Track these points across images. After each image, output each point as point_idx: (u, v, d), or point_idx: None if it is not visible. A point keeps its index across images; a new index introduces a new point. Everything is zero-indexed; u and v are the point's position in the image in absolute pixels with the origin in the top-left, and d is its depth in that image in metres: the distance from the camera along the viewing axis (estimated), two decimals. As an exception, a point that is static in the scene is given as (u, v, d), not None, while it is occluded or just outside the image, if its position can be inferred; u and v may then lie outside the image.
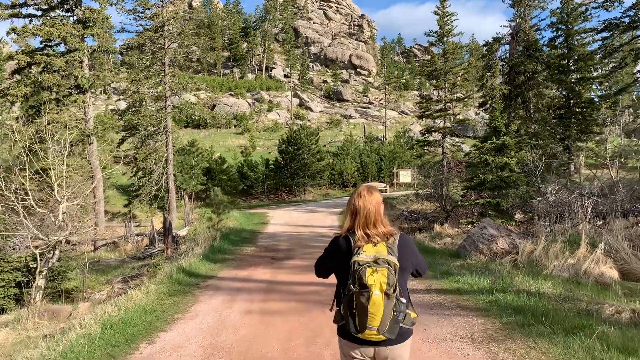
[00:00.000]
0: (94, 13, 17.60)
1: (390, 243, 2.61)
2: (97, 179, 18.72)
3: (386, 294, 2.45)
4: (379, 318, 2.45)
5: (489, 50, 23.47)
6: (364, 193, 2.79)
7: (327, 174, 39.71)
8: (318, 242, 15.76)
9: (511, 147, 16.20)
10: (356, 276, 2.47)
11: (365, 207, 2.72)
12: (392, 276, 2.48)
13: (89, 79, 17.81)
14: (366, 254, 2.54)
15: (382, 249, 2.56)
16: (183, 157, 30.03)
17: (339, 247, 2.71)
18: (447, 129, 29.20)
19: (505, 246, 11.33)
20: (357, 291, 2.46)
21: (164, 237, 16.66)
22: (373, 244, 2.58)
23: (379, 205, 2.79)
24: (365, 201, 2.74)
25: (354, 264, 2.51)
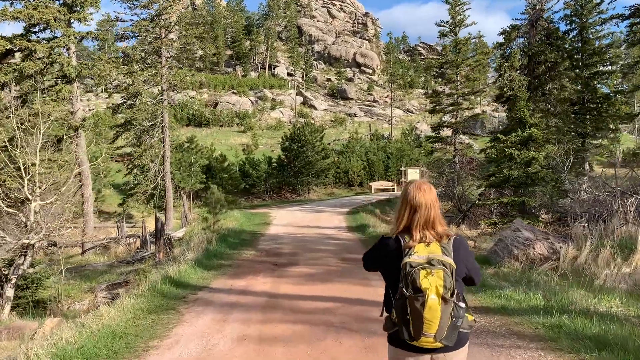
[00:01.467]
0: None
1: (444, 243, 2.41)
2: (85, 176, 17.29)
3: (443, 299, 2.26)
4: (436, 324, 2.27)
5: (507, 38, 21.89)
6: (424, 187, 2.54)
7: (332, 173, 38.18)
8: (325, 245, 14.26)
9: (538, 140, 14.65)
10: (409, 279, 2.29)
11: (427, 204, 2.46)
12: (448, 278, 2.28)
13: (76, 67, 16.36)
14: (418, 254, 2.34)
15: (436, 249, 2.37)
16: (181, 154, 28.57)
17: (386, 247, 2.51)
18: (459, 124, 27.63)
19: (544, 251, 9.79)
20: (410, 296, 2.27)
21: (155, 240, 15.18)
22: (425, 244, 2.39)
23: (437, 202, 2.54)
24: (427, 196, 2.49)
25: (405, 265, 2.32)
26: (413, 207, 2.47)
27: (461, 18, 27.14)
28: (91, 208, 17.83)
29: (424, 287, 2.24)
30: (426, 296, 2.23)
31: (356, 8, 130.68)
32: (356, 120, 74.11)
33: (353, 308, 6.99)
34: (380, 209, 24.94)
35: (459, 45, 26.87)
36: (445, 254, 2.35)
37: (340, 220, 20.99)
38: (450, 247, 2.40)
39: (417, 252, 2.34)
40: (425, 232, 2.42)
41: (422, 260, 2.30)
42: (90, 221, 17.86)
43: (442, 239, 2.41)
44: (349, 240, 15.32)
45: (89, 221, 17.79)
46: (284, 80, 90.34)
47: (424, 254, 2.33)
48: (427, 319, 2.24)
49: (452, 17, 27.16)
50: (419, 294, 2.24)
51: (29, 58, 16.11)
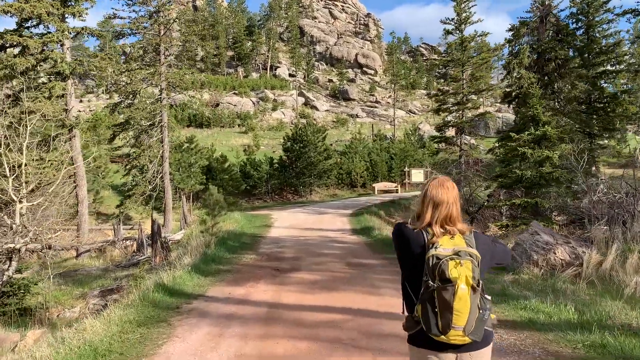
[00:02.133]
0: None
1: (467, 235, 2.41)
2: (80, 177, 16.65)
3: (472, 288, 2.25)
4: (465, 316, 2.24)
5: (515, 34, 21.23)
6: (447, 184, 2.51)
7: (334, 174, 37.49)
8: (328, 249, 13.59)
9: (552, 138, 13.97)
10: (437, 270, 2.26)
11: (449, 200, 2.45)
12: (476, 269, 2.29)
13: (70, 64, 15.73)
14: (444, 247, 2.32)
15: (460, 242, 2.35)
16: (181, 155, 27.92)
17: (409, 240, 2.44)
18: (465, 123, 26.96)
19: (566, 256, 9.11)
20: (439, 287, 2.24)
21: (152, 243, 14.54)
22: (450, 237, 2.37)
23: (459, 199, 2.54)
24: (449, 193, 2.48)
25: (431, 258, 2.29)
26: (435, 203, 2.45)
27: (467, 15, 26.48)
28: (86, 210, 17.21)
29: (454, 277, 2.23)
30: (456, 286, 2.22)
31: (358, 9, 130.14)
32: (358, 121, 73.49)
33: (362, 321, 6.33)
34: (385, 211, 24.28)
35: (465, 42, 26.22)
36: (470, 246, 2.35)
37: (343, 223, 20.33)
38: (472, 239, 2.41)
39: (442, 245, 2.33)
40: (446, 227, 2.42)
41: (448, 252, 2.29)
42: (85, 223, 17.22)
43: (465, 233, 2.42)
44: (353, 243, 14.66)
45: (83, 223, 17.14)
46: (286, 81, 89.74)
47: (449, 247, 2.32)
48: (456, 309, 2.22)
49: (458, 14, 26.51)
50: (448, 284, 2.23)
51: (21, 54, 15.50)
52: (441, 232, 2.39)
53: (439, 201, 2.44)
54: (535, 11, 23.06)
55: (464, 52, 26.41)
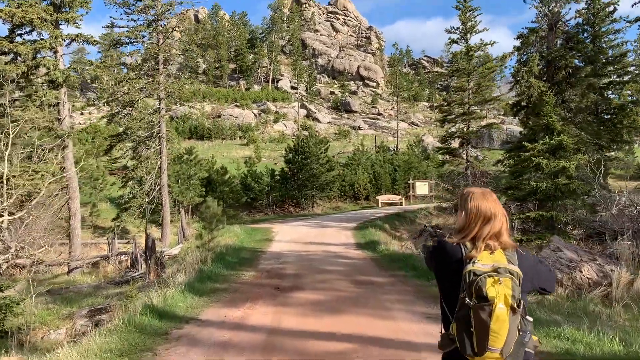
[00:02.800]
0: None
1: (508, 251, 2.22)
2: (73, 189, 15.93)
3: (512, 309, 2.07)
4: (503, 338, 2.07)
5: (524, 42, 20.62)
6: (492, 197, 2.34)
7: (337, 186, 36.73)
8: (332, 265, 12.82)
9: (568, 148, 13.24)
10: (474, 287, 2.10)
11: (500, 213, 2.29)
12: (517, 288, 2.10)
13: (64, 71, 15.12)
14: (482, 262, 2.15)
15: (501, 258, 2.18)
16: (180, 166, 27.24)
17: (447, 253, 2.28)
18: (471, 134, 26.30)
19: (593, 275, 8.34)
20: (475, 305, 2.09)
21: (146, 259, 13.80)
22: (490, 252, 2.19)
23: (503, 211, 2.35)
24: (498, 206, 2.31)
25: (468, 274, 2.14)
26: (486, 217, 2.27)
27: (472, 24, 25.99)
28: (79, 223, 16.48)
29: (491, 296, 2.07)
30: (494, 305, 2.07)
31: (360, 22, 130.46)
32: (360, 133, 73.00)
33: (374, 351, 5.57)
34: (390, 224, 23.49)
35: (471, 51, 25.67)
36: (511, 263, 2.17)
37: (347, 236, 19.55)
38: (514, 256, 2.23)
39: (480, 260, 2.18)
40: (490, 242, 2.24)
41: (487, 269, 2.14)
42: (77, 237, 16.48)
43: (506, 249, 2.24)
44: (359, 259, 13.88)
45: (76, 237, 16.41)
46: (288, 93, 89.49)
47: (488, 262, 2.17)
48: (493, 330, 2.07)
49: (463, 23, 26.03)
50: (485, 303, 2.08)
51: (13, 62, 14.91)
52: (483, 247, 2.22)
53: (492, 215, 2.26)
54: (541, 21, 22.51)
55: (470, 62, 25.86)
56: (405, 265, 11.73)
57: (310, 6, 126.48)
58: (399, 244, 18.03)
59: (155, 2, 22.40)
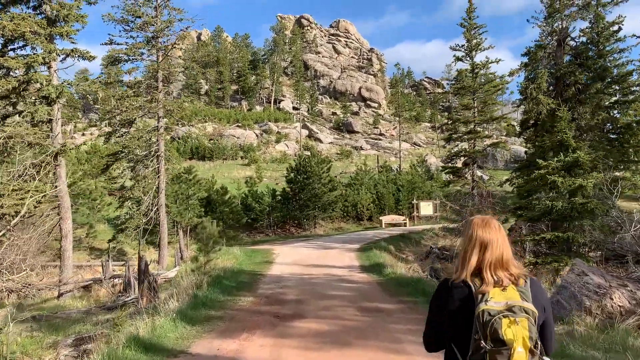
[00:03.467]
0: (64, 8, 14.46)
1: (521, 287, 2.09)
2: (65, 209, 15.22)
3: (530, 352, 1.96)
4: None
5: (532, 58, 20.11)
6: (493, 223, 2.21)
7: (339, 206, 35.95)
8: (336, 290, 12.04)
9: (585, 166, 12.54)
10: (489, 329, 1.96)
11: (498, 240, 2.15)
12: (533, 328, 1.99)
13: (57, 87, 14.57)
14: (495, 300, 2.02)
15: (514, 294, 2.05)
16: (178, 186, 26.57)
17: (453, 294, 2.12)
18: (477, 153, 25.65)
19: (625, 302, 7.56)
20: (492, 349, 1.95)
21: (138, 283, 13.03)
22: (501, 288, 2.06)
23: (507, 239, 2.21)
24: (498, 232, 2.18)
25: (482, 314, 1.99)
26: (483, 244, 2.15)
27: (477, 42, 25.57)
28: (70, 245, 15.74)
29: (509, 339, 1.94)
30: (512, 349, 1.93)
31: (361, 44, 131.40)
32: (363, 154, 72.53)
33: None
34: (395, 246, 22.71)
35: (476, 69, 25.20)
36: (525, 299, 2.04)
37: (351, 259, 18.76)
38: (528, 290, 2.09)
39: (492, 297, 2.03)
40: (498, 273, 2.11)
41: (501, 307, 2.00)
42: (68, 260, 15.72)
43: (519, 282, 2.09)
44: (364, 283, 13.10)
45: (67, 260, 15.64)
46: (289, 114, 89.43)
47: (501, 300, 2.02)
48: None
49: (468, 41, 25.62)
50: (502, 347, 1.94)
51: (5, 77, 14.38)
52: (493, 280, 2.09)
53: (487, 241, 2.16)
54: (545, 40, 22.03)
55: (475, 79, 25.38)
56: (414, 290, 10.95)
57: (312, 28, 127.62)
58: (406, 267, 17.24)
59: (155, 19, 22.05)
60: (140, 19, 21.72)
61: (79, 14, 15.43)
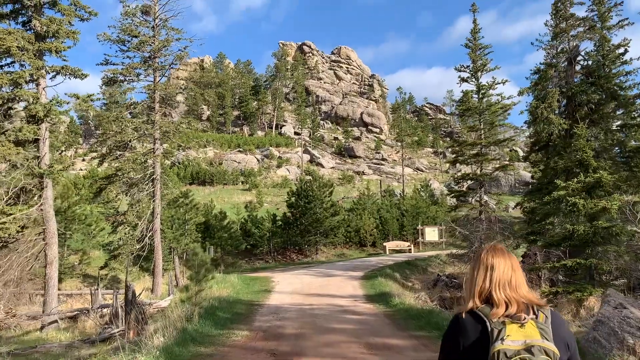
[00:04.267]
0: (54, 23, 13.80)
1: (541, 322, 1.91)
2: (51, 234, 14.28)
3: None
4: None
5: (542, 77, 19.39)
6: (499, 247, 2.14)
7: (342, 231, 34.91)
8: (340, 322, 10.99)
9: (607, 186, 11.62)
10: None
11: (505, 262, 2.05)
12: None
13: (45, 105, 13.80)
14: (512, 339, 1.85)
15: (533, 332, 1.88)
16: (174, 211, 25.65)
17: (466, 332, 1.95)
18: (485, 176, 24.76)
19: (674, 341, 6.54)
20: None
21: (125, 314, 12.01)
22: (519, 325, 1.89)
23: (518, 264, 2.09)
24: (505, 256, 2.08)
25: (497, 354, 1.83)
26: (489, 266, 2.04)
27: (483, 62, 24.96)
28: (55, 272, 14.73)
29: None
30: None
31: (362, 70, 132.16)
32: (365, 178, 71.81)
33: None
34: (400, 273, 21.62)
35: (483, 89, 24.52)
36: (545, 338, 1.87)
37: (355, 287, 17.70)
38: (548, 326, 1.91)
39: (509, 335, 1.86)
40: (508, 292, 1.98)
41: (518, 347, 1.84)
42: (53, 288, 14.68)
43: (538, 316, 1.93)
44: (370, 314, 12.05)
45: (51, 288, 14.60)
46: (291, 139, 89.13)
47: (519, 338, 1.86)
48: None
49: (473, 62, 25.02)
50: None
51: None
52: (504, 300, 1.95)
53: (494, 263, 2.04)
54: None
55: (482, 100, 24.67)
56: (426, 323, 9.91)
57: (314, 55, 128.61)
58: (413, 296, 16.17)
59: (152, 39, 21.52)
60: (136, 39, 21.17)
61: (70, 30, 14.78)
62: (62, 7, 14.75)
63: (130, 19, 21.42)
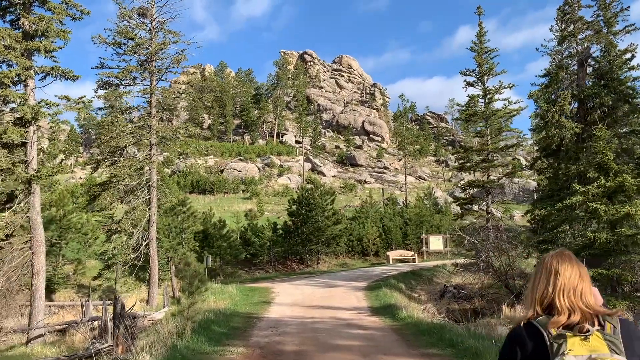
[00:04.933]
0: (43, 21, 13.11)
1: (609, 334, 1.69)
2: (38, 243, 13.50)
3: None
4: None
5: (552, 79, 18.68)
6: (566, 253, 1.94)
7: (344, 240, 34.05)
8: (344, 338, 10.17)
9: (630, 190, 10.84)
10: None
11: (572, 267, 1.87)
12: None
13: (34, 107, 13.10)
14: (575, 354, 1.66)
15: (599, 345, 1.66)
16: (171, 219, 24.86)
17: (523, 347, 1.78)
18: (492, 183, 23.99)
19: None
20: None
21: (113, 328, 11.21)
22: (582, 338, 1.68)
23: (587, 274, 1.90)
24: (570, 263, 1.89)
25: None
26: (552, 272, 1.87)
27: (490, 66, 24.31)
28: (42, 283, 13.94)
29: None
30: None
31: (364, 79, 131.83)
32: (367, 187, 71.06)
33: None
34: (406, 284, 20.79)
35: (489, 94, 23.83)
36: (615, 351, 1.65)
37: (359, 299, 16.86)
38: (618, 339, 1.69)
39: (571, 350, 1.67)
40: (572, 300, 1.79)
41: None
42: (40, 300, 13.89)
43: (605, 328, 1.72)
44: (376, 328, 11.22)
45: (38, 300, 13.80)
46: (292, 147, 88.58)
47: (583, 353, 1.66)
48: None
49: (479, 65, 24.37)
50: None
51: (-24, 96, 12.98)
52: (567, 307, 1.77)
53: (558, 269, 1.86)
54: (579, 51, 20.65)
55: (488, 105, 23.97)
56: (439, 339, 9.08)
57: (315, 64, 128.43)
58: (420, 308, 15.35)
59: (149, 42, 20.89)
60: (133, 41, 20.53)
61: (60, 29, 14.12)
62: (52, 5, 14.13)
63: (126, 21, 20.82)
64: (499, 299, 16.73)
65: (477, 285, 20.56)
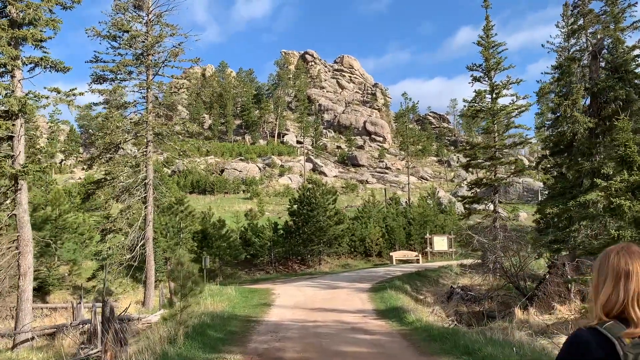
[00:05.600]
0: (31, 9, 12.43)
1: None
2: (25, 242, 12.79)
3: None
4: None
5: (565, 72, 17.93)
6: (635, 249, 1.64)
7: (346, 241, 33.28)
8: (349, 344, 9.43)
9: (656, 186, 10.09)
10: None
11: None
12: None
13: (20, 99, 12.41)
14: None
15: None
16: (169, 218, 24.13)
17: (588, 354, 1.55)
18: (500, 181, 23.25)
19: None
20: None
21: (101, 333, 10.48)
22: None
23: None
24: None
25: None
26: (622, 272, 1.58)
27: (497, 60, 23.54)
28: (29, 285, 13.23)
29: None
30: None
31: (365, 79, 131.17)
32: (369, 187, 70.32)
33: None
34: (411, 285, 20.04)
35: (497, 89, 23.08)
36: None
37: (363, 301, 16.11)
38: None
39: None
40: None
41: None
42: (26, 302, 13.16)
43: None
44: (383, 333, 10.47)
45: (25, 302, 13.07)
46: (293, 147, 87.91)
47: None
48: None
49: (486, 60, 23.60)
50: None
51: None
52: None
53: (629, 270, 1.57)
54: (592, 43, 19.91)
55: (496, 101, 23.22)
56: (453, 346, 8.33)
57: (316, 64, 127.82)
58: (427, 311, 14.61)
59: (145, 35, 20.19)
60: (128, 34, 19.83)
61: (50, 18, 13.43)
62: (41, -8, 13.44)
63: (121, 14, 20.12)
64: (509, 301, 15.99)
65: (485, 287, 19.82)
